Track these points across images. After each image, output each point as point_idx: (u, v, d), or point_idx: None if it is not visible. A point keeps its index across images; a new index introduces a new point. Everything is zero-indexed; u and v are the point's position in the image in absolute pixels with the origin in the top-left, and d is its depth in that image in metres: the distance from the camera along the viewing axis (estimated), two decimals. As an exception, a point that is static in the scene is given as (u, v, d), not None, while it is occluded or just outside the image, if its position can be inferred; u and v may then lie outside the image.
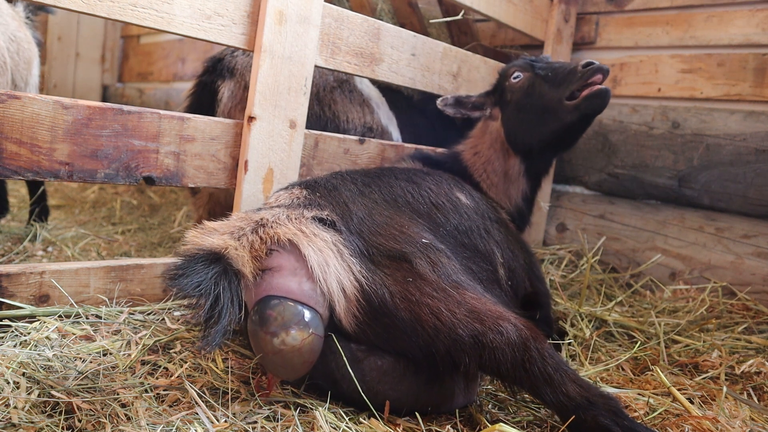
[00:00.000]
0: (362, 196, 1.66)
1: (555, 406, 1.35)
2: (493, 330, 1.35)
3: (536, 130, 2.14)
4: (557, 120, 2.07)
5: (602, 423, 1.30)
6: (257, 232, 1.43)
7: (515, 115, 2.18)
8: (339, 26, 2.15)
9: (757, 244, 2.71)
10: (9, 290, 1.63)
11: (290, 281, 1.39)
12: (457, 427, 1.45)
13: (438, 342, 1.36)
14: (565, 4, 3.21)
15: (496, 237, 1.91)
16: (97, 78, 6.33)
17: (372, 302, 1.39)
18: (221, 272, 1.31)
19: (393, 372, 1.42)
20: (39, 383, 1.33)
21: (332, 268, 1.40)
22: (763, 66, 2.77)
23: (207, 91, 2.55)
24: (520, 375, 1.36)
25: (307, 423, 1.34)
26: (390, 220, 1.59)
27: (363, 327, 1.40)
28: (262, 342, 1.35)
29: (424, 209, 1.75)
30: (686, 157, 2.95)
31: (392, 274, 1.43)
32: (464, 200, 1.93)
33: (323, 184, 1.70)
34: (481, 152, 2.26)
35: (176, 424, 1.26)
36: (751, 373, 1.91)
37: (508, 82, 2.22)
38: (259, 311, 1.36)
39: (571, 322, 2.28)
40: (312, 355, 1.36)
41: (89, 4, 1.60)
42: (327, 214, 1.53)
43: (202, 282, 1.27)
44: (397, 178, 1.85)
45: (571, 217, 3.37)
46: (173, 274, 1.30)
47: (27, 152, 1.58)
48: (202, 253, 1.35)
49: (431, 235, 1.64)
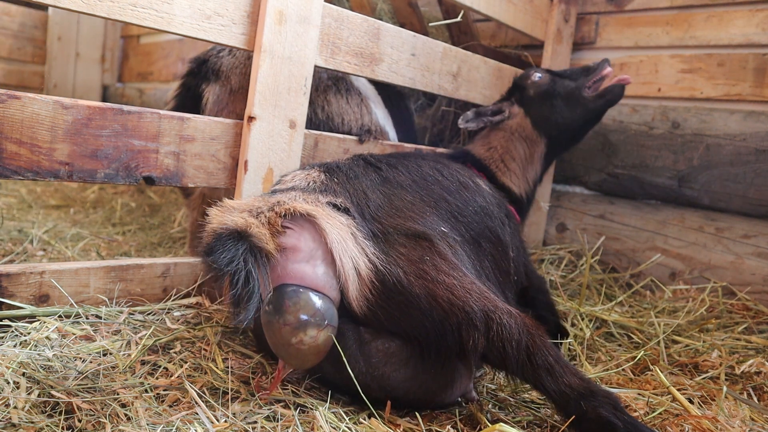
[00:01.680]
0: (384, 183, 1.69)
1: (556, 394, 1.36)
2: (502, 310, 1.40)
3: (568, 113, 2.48)
4: (581, 106, 2.46)
5: (603, 415, 1.30)
6: (274, 209, 1.44)
7: (542, 104, 2.47)
8: (339, 26, 2.15)
9: (757, 244, 2.71)
10: (9, 290, 1.64)
11: (305, 267, 1.39)
12: (458, 426, 1.45)
13: (451, 316, 1.38)
14: (565, 4, 3.21)
15: (508, 230, 1.98)
16: (97, 78, 6.33)
17: (386, 282, 1.41)
18: (249, 249, 1.32)
19: (399, 354, 1.43)
20: (39, 383, 1.33)
21: (349, 246, 1.42)
22: (763, 66, 2.77)
23: (191, 94, 2.46)
24: (523, 360, 1.37)
25: (307, 423, 1.34)
26: (411, 204, 1.63)
27: (374, 308, 1.42)
28: (277, 334, 1.35)
29: (454, 187, 1.84)
30: (686, 157, 2.95)
31: (407, 254, 1.46)
32: (483, 186, 2.06)
33: (344, 170, 1.70)
34: (496, 147, 2.48)
35: (176, 424, 1.26)
36: (751, 373, 1.91)
37: (529, 80, 2.50)
38: (274, 301, 1.36)
39: (571, 322, 2.28)
40: (327, 346, 1.38)
41: (89, 4, 1.60)
42: (341, 201, 1.54)
43: (234, 258, 1.28)
44: (425, 159, 1.97)
45: (571, 217, 3.37)
46: (209, 248, 1.31)
47: (27, 152, 1.58)
48: (228, 231, 1.35)
49: (453, 218, 1.71)
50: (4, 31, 5.77)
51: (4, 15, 5.77)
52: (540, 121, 2.47)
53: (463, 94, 2.73)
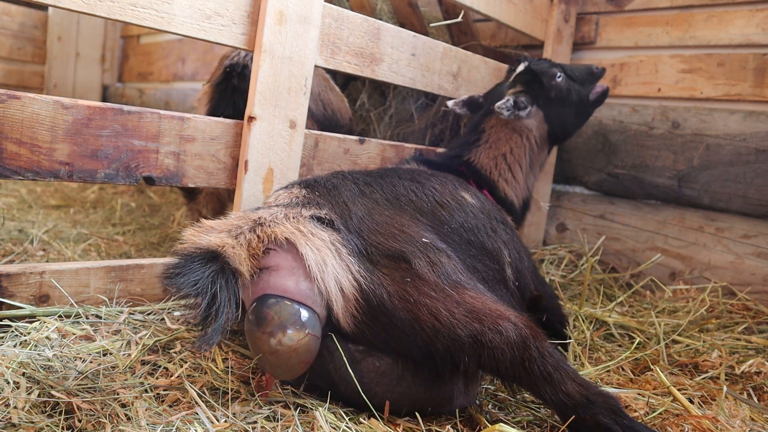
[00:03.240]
0: (363, 196, 1.65)
1: (555, 404, 1.36)
2: (492, 330, 1.35)
3: (576, 121, 2.47)
4: (586, 114, 2.48)
5: (602, 422, 1.31)
6: (254, 231, 1.42)
7: (560, 109, 2.39)
8: (339, 26, 2.15)
9: (757, 244, 2.71)
10: (9, 290, 1.63)
11: (287, 280, 1.38)
12: (457, 427, 1.45)
13: (437, 342, 1.35)
14: (565, 4, 3.21)
15: (503, 237, 1.90)
16: (97, 78, 6.33)
17: (371, 302, 1.38)
18: (218, 271, 1.30)
19: (391, 373, 1.42)
20: (39, 383, 1.33)
21: (330, 267, 1.39)
22: (763, 66, 2.77)
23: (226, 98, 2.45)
24: (519, 374, 1.36)
25: (307, 423, 1.34)
26: (390, 219, 1.58)
27: (361, 327, 1.40)
28: (258, 342, 1.35)
29: (428, 207, 1.74)
30: (686, 157, 2.95)
31: (390, 274, 1.42)
32: (470, 200, 1.93)
33: (323, 183, 1.69)
34: (505, 153, 2.31)
35: (176, 424, 1.26)
36: (751, 373, 1.91)
37: (554, 81, 2.35)
38: (256, 310, 1.35)
39: (573, 324, 2.28)
40: (308, 355, 1.36)
41: (89, 4, 1.60)
42: (326, 213, 1.52)
43: (199, 280, 1.26)
44: (400, 177, 1.85)
45: (571, 217, 3.37)
46: (171, 273, 1.29)
47: (27, 152, 1.58)
48: (199, 252, 1.34)
49: (433, 234, 1.63)
50: (4, 31, 5.78)
51: (4, 15, 5.77)
52: (555, 127, 2.38)
53: (463, 94, 2.73)
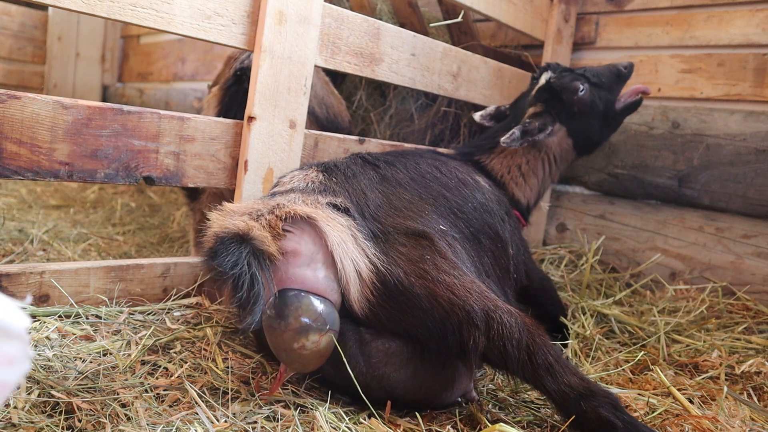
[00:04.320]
0: (383, 181, 1.69)
1: (557, 394, 1.36)
2: (502, 309, 1.40)
3: (603, 132, 2.42)
4: (615, 123, 2.42)
5: (603, 415, 1.30)
6: (274, 212, 1.43)
7: (585, 122, 2.35)
8: (339, 26, 2.15)
9: (757, 244, 2.71)
10: (9, 290, 1.63)
11: (306, 271, 1.39)
12: (458, 426, 1.45)
13: (452, 315, 1.38)
14: (565, 4, 3.21)
15: (509, 226, 1.97)
16: (97, 78, 6.33)
17: (387, 283, 1.41)
18: (251, 252, 1.32)
19: (400, 354, 1.43)
20: (39, 383, 1.33)
21: (350, 248, 1.42)
22: (763, 66, 2.77)
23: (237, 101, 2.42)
24: (523, 359, 1.37)
25: (307, 423, 1.34)
26: (410, 203, 1.62)
27: (376, 309, 1.42)
28: (279, 339, 1.35)
29: (453, 184, 1.82)
30: (686, 157, 2.95)
31: (408, 253, 1.45)
32: (483, 183, 2.03)
33: (343, 170, 1.69)
34: (520, 164, 2.32)
35: (176, 424, 1.26)
36: (751, 373, 1.91)
37: (576, 96, 2.30)
38: (276, 305, 1.36)
39: (572, 314, 2.28)
40: (328, 350, 1.38)
41: (89, 4, 1.60)
42: (341, 201, 1.54)
43: (237, 261, 1.28)
44: (422, 156, 1.95)
45: (571, 217, 3.37)
46: (213, 252, 1.30)
47: (27, 152, 1.58)
48: (230, 234, 1.35)
49: (454, 216, 1.70)
50: (4, 31, 5.78)
51: (4, 15, 5.77)
52: (580, 140, 2.37)
53: (463, 94, 2.73)
